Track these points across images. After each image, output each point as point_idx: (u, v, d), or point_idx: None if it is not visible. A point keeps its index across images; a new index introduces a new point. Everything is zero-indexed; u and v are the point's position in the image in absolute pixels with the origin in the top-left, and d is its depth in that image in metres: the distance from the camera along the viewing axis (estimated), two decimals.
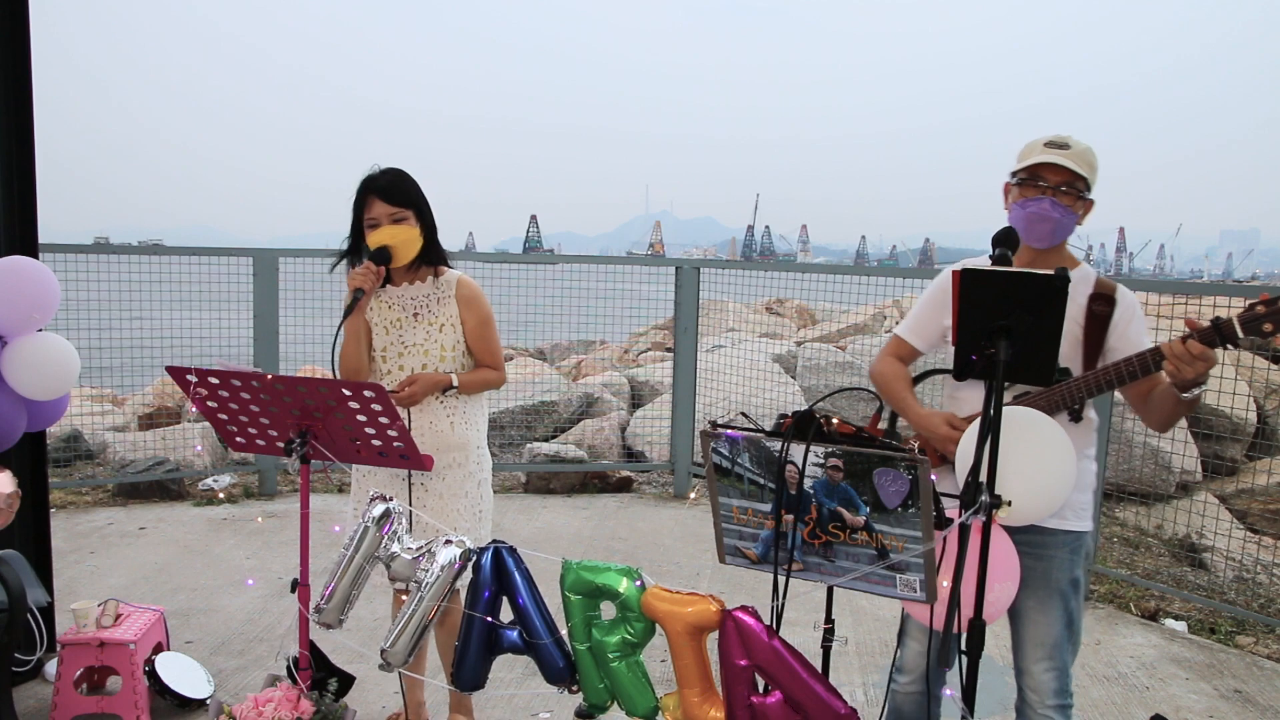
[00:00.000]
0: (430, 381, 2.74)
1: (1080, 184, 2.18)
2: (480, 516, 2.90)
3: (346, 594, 2.35)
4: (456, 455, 2.83)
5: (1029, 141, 2.26)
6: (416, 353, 2.80)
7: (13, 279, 2.93)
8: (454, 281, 2.85)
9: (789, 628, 2.02)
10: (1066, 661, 2.27)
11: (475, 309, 2.85)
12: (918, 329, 2.45)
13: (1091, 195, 2.23)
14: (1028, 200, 2.19)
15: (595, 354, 10.22)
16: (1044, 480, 1.98)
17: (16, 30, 3.26)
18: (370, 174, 2.75)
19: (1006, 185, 2.30)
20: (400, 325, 2.82)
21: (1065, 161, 2.15)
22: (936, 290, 2.42)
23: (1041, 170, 2.18)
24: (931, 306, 2.42)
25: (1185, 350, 1.94)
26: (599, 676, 2.16)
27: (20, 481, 2.80)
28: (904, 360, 2.47)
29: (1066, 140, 2.19)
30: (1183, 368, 1.95)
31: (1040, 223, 2.18)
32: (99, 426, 6.73)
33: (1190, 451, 5.89)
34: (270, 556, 4.84)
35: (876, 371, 2.47)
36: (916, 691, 2.40)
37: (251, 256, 5.91)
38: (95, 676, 3.17)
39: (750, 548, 2.02)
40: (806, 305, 11.57)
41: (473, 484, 2.87)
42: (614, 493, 6.35)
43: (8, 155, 3.30)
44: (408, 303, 2.83)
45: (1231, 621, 4.29)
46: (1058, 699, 2.26)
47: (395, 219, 2.70)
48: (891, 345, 2.48)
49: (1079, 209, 2.21)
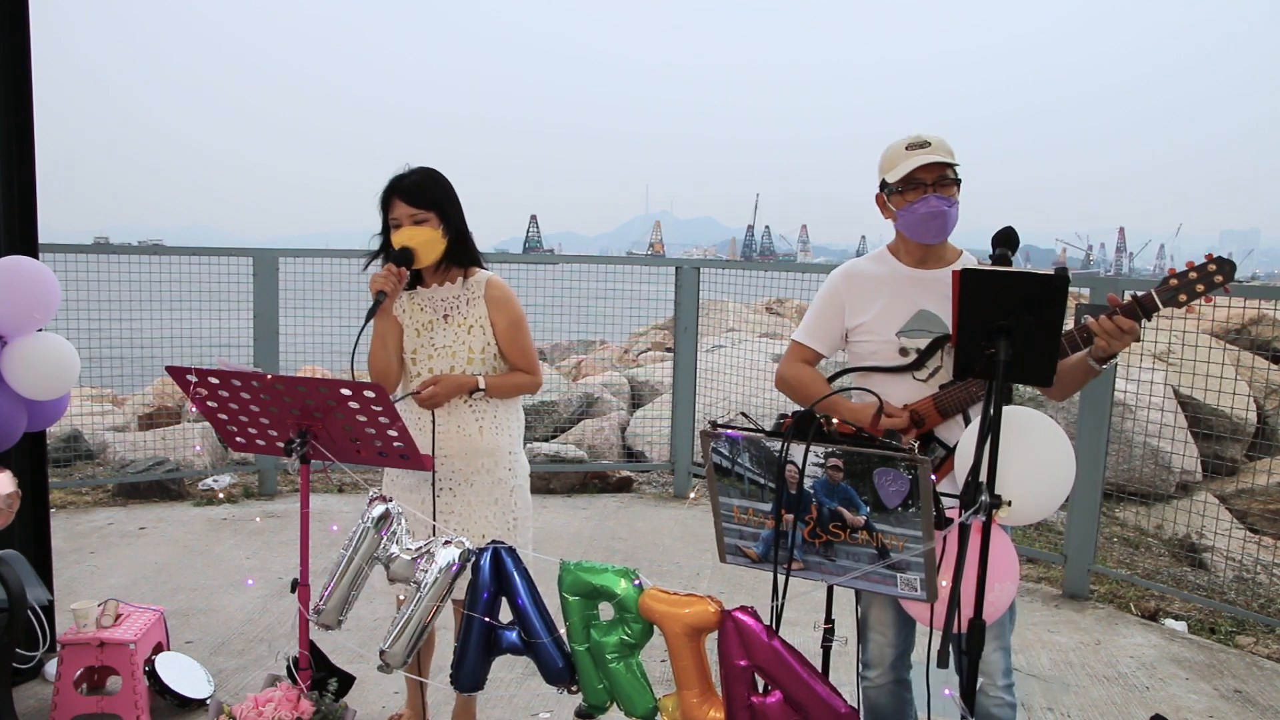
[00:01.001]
0: (454, 383, 2.68)
1: (950, 171, 2.30)
2: (515, 525, 2.82)
3: (345, 595, 2.35)
4: (485, 461, 2.77)
5: (887, 149, 2.35)
6: (445, 355, 2.74)
7: (13, 279, 2.93)
8: (484, 282, 2.78)
9: (789, 628, 2.02)
10: (1009, 640, 2.37)
11: (506, 310, 2.77)
12: (818, 333, 2.50)
13: (960, 175, 2.33)
14: (914, 203, 2.29)
15: (595, 354, 10.22)
16: (1044, 480, 1.99)
17: (16, 30, 3.26)
18: (399, 173, 2.71)
19: (880, 197, 2.39)
20: (431, 327, 2.77)
21: (935, 157, 2.27)
22: (831, 292, 2.48)
23: (916, 173, 2.28)
24: (828, 309, 2.48)
25: (1114, 325, 2.11)
26: (598, 677, 2.16)
27: (20, 481, 2.80)
28: (809, 365, 2.52)
29: (924, 138, 2.30)
30: (1112, 342, 2.13)
31: (934, 219, 2.29)
32: (99, 426, 6.73)
33: (1190, 451, 5.89)
34: (270, 556, 4.84)
35: (791, 377, 2.50)
36: (888, 683, 2.46)
37: (251, 256, 5.92)
38: (95, 676, 3.17)
39: (751, 547, 2.02)
40: (806, 305, 11.56)
41: (504, 491, 2.79)
42: (614, 493, 6.36)
43: (8, 155, 3.30)
44: (438, 304, 2.78)
45: (1231, 621, 4.29)
46: (1006, 679, 2.34)
47: (416, 220, 2.66)
48: (793, 351, 2.53)
49: (955, 194, 2.32)
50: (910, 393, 2.35)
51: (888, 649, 2.43)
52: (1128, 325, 2.11)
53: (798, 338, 2.53)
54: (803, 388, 2.46)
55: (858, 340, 2.44)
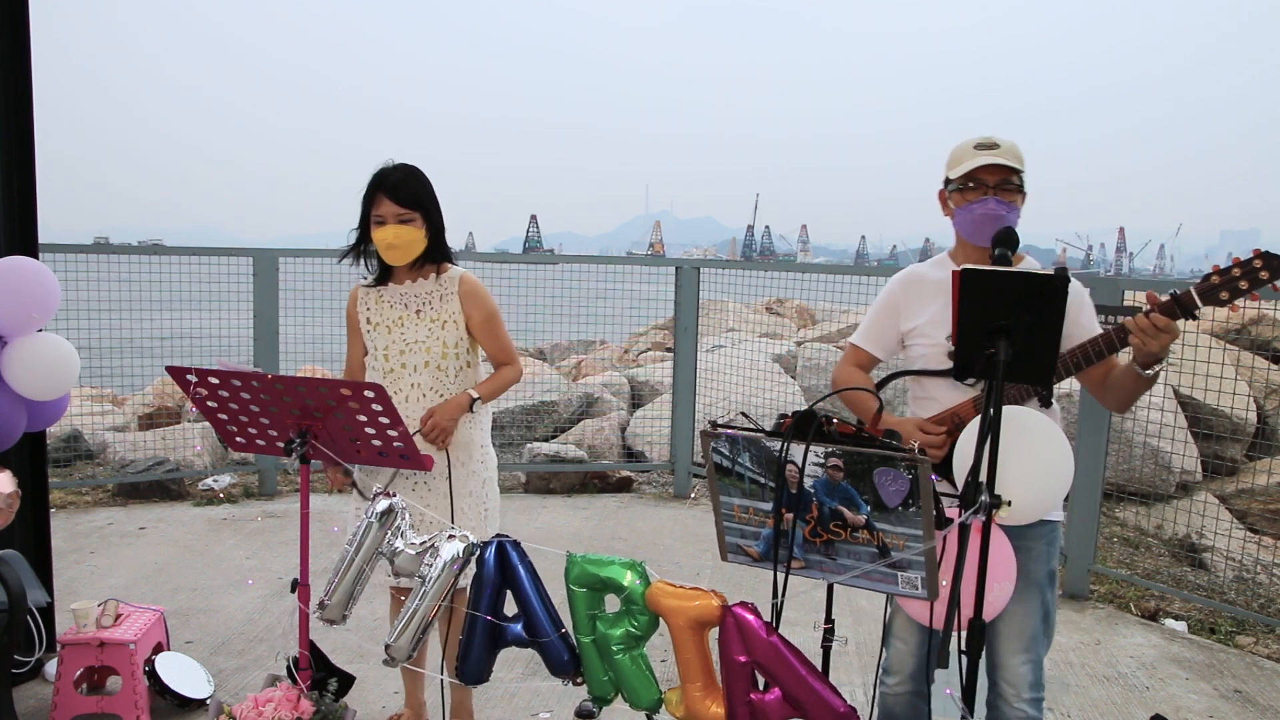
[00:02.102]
0: (452, 408, 2.74)
1: (1016, 178, 2.25)
2: (486, 515, 2.90)
3: (350, 590, 2.35)
4: (460, 454, 2.83)
5: (957, 147, 2.32)
6: (419, 350, 2.79)
7: (13, 279, 2.93)
8: (456, 278, 2.83)
9: (789, 627, 2.02)
10: (1041, 654, 2.31)
11: (479, 304, 2.83)
12: (874, 336, 2.49)
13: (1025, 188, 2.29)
14: (973, 203, 2.25)
15: (595, 354, 10.22)
16: (1043, 479, 1.99)
17: (16, 30, 3.26)
18: (383, 168, 2.73)
19: (942, 193, 2.36)
20: (401, 323, 2.81)
21: (1001, 160, 2.22)
22: (889, 296, 2.47)
23: (979, 173, 2.24)
24: (885, 313, 2.46)
25: (1150, 323, 2.01)
26: (603, 669, 2.17)
27: (20, 481, 2.80)
28: (864, 368, 2.50)
29: (994, 140, 2.26)
30: (1148, 340, 2.03)
31: (990, 221, 2.24)
32: (99, 426, 6.73)
33: (1190, 451, 5.89)
34: (270, 556, 4.84)
35: (839, 379, 2.49)
36: (906, 692, 2.41)
37: (251, 256, 5.92)
38: (95, 676, 3.17)
39: (752, 545, 2.02)
40: (806, 305, 11.56)
41: (476, 482, 2.87)
42: (614, 493, 6.36)
43: (8, 155, 3.30)
44: (410, 300, 2.82)
45: (1231, 621, 4.29)
46: (1033, 691, 2.28)
47: (402, 219, 2.69)
48: (850, 354, 2.52)
49: (1019, 201, 2.27)
50: (958, 398, 2.32)
51: (909, 658, 2.39)
52: (1163, 323, 2.01)
53: (854, 340, 2.52)
54: (851, 400, 2.44)
55: (912, 344, 2.42)
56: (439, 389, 2.80)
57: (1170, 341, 2.03)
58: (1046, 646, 2.33)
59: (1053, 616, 2.33)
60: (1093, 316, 2.30)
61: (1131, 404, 2.29)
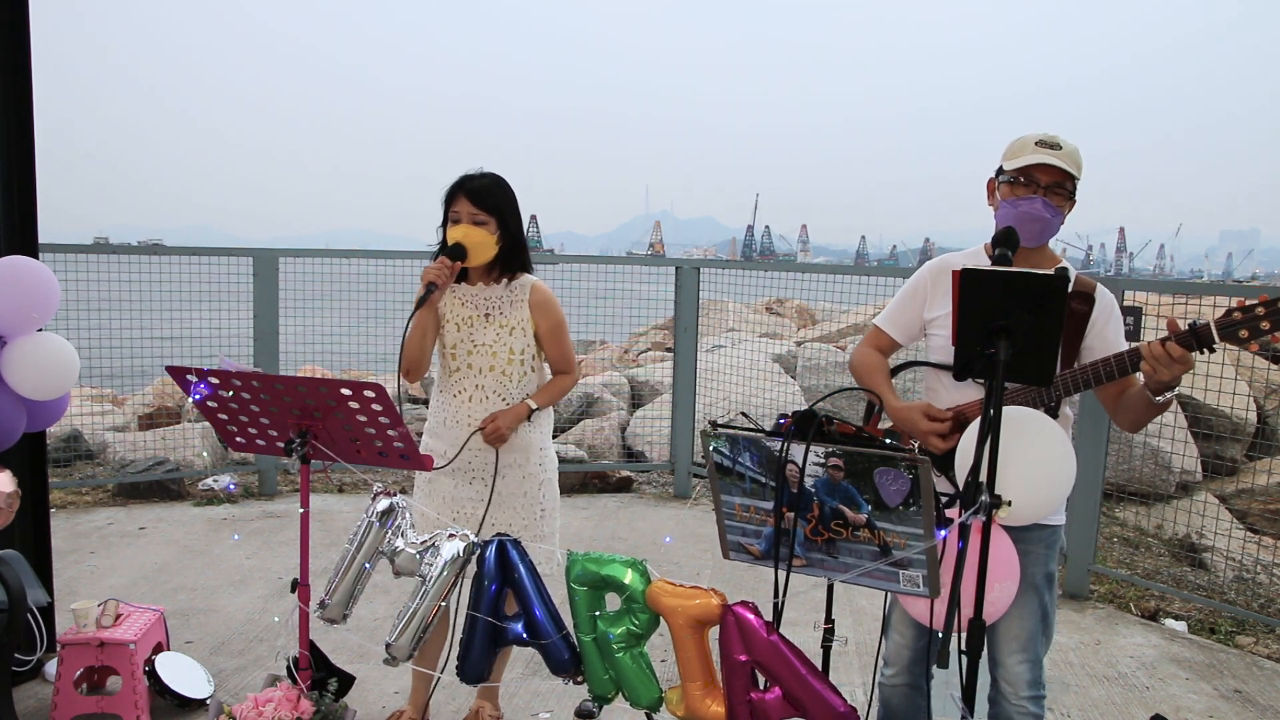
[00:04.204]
0: (513, 417, 2.80)
1: (1070, 184, 2.20)
2: (542, 515, 2.93)
3: (350, 589, 2.35)
4: (517, 457, 2.87)
5: (1018, 139, 2.26)
6: (485, 353, 2.84)
7: (13, 279, 2.93)
8: (528, 286, 2.88)
9: (789, 627, 2.02)
10: (1040, 654, 2.31)
11: (548, 314, 2.89)
12: (897, 321, 2.47)
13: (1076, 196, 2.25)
14: (1019, 199, 2.19)
15: (595, 354, 10.22)
16: (1044, 480, 1.98)
17: (16, 30, 3.26)
18: (469, 173, 2.81)
19: (991, 182, 2.31)
20: (471, 324, 2.85)
21: (1058, 162, 2.16)
22: (918, 282, 2.44)
23: (1034, 170, 2.19)
24: (911, 300, 2.45)
25: (1164, 353, 1.96)
26: (604, 667, 2.17)
27: (20, 481, 2.80)
28: (883, 351, 2.49)
29: (1058, 140, 2.20)
30: (1160, 369, 1.97)
31: (1032, 222, 2.19)
32: (99, 426, 6.73)
33: (1190, 451, 5.89)
34: (270, 556, 4.84)
35: (856, 361, 2.49)
36: (902, 684, 2.44)
37: (251, 256, 5.91)
38: (95, 676, 3.17)
39: (753, 544, 2.02)
40: (806, 305, 11.57)
41: (533, 485, 2.90)
42: (614, 493, 6.35)
43: (8, 155, 3.30)
44: (480, 302, 2.87)
45: (1231, 621, 4.29)
46: (1031, 690, 2.30)
47: (475, 220, 2.75)
48: (871, 336, 2.51)
49: (1066, 208, 2.23)
50: (969, 393, 2.29)
51: (905, 650, 2.41)
52: (1179, 354, 1.94)
53: (877, 322, 2.51)
54: (863, 374, 2.45)
55: (931, 334, 2.41)
56: (502, 393, 2.85)
57: (1183, 372, 1.97)
58: (1046, 646, 2.34)
59: (1052, 617, 2.33)
60: (1119, 331, 2.25)
61: (1143, 426, 2.25)
